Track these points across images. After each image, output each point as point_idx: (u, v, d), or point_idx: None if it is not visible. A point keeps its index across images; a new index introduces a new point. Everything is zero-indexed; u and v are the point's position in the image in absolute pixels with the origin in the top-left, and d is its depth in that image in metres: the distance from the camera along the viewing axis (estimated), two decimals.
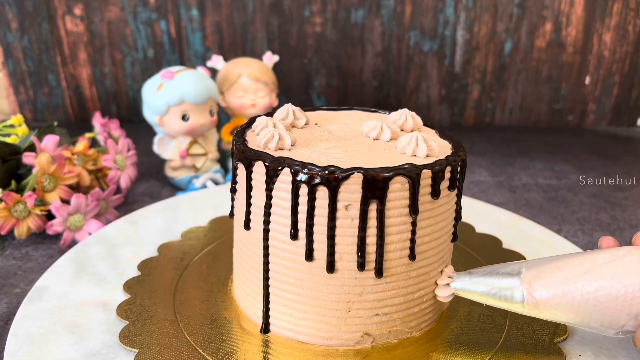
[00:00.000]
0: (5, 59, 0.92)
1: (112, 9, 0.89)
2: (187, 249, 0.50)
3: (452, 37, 0.92)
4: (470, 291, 0.36)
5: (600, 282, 0.31)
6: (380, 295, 0.36)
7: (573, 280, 0.32)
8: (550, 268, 0.33)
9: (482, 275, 0.35)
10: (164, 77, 0.63)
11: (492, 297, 0.35)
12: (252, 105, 0.70)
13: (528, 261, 0.35)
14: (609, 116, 0.98)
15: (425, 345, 0.38)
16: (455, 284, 0.37)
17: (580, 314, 0.32)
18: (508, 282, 0.34)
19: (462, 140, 0.89)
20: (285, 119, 0.41)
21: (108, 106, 0.96)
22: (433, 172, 0.34)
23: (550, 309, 0.33)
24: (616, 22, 0.91)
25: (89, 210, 0.54)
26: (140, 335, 0.38)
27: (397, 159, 0.36)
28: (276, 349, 0.37)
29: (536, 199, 0.68)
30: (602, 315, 0.31)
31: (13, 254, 0.53)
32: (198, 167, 0.68)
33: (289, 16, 0.90)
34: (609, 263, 0.32)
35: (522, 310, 0.34)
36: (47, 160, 0.54)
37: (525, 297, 0.33)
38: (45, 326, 0.39)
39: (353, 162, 0.34)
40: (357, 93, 0.96)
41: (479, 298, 0.35)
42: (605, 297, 0.31)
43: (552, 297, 0.32)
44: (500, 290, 0.34)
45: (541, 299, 0.33)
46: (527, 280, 0.33)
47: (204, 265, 0.47)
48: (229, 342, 0.38)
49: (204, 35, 0.91)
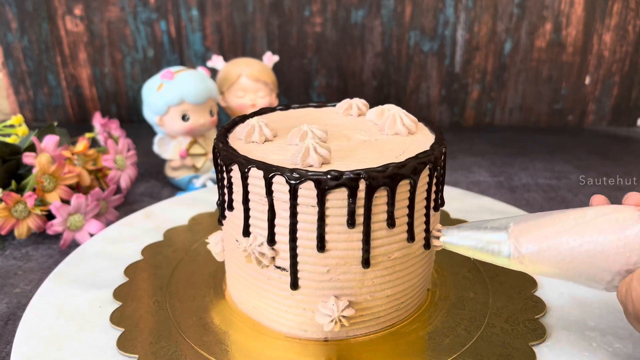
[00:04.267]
0: (5, 59, 0.92)
1: (112, 9, 0.89)
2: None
3: (452, 37, 0.92)
4: (458, 245, 0.36)
5: (585, 238, 0.32)
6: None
7: (559, 235, 0.32)
8: (538, 223, 0.33)
9: (470, 229, 0.36)
10: (164, 77, 0.63)
11: (479, 250, 0.35)
12: (252, 105, 0.70)
13: (516, 216, 0.35)
14: (609, 116, 0.98)
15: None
16: (444, 237, 0.37)
17: (564, 268, 0.32)
18: (495, 237, 0.35)
19: (462, 140, 0.90)
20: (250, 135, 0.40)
21: (108, 106, 0.96)
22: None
23: (535, 263, 0.33)
24: (616, 22, 0.91)
25: (89, 210, 0.54)
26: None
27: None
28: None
29: (536, 199, 0.68)
30: (587, 270, 0.32)
31: (13, 254, 0.53)
32: (198, 167, 0.68)
33: (289, 16, 0.90)
34: (594, 219, 0.32)
35: (509, 264, 0.34)
36: (47, 160, 0.54)
37: (512, 251, 0.34)
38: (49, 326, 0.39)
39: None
40: (357, 93, 0.96)
41: (466, 252, 0.36)
42: (589, 252, 0.31)
43: (537, 252, 0.33)
44: (488, 244, 0.35)
45: (527, 253, 0.33)
46: (514, 235, 0.34)
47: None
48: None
49: (204, 35, 0.91)
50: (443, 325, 0.39)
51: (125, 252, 0.49)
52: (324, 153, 0.35)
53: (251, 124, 0.39)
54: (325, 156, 0.35)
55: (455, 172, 0.76)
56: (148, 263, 0.47)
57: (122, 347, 0.37)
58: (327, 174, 0.33)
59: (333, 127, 0.42)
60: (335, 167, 0.34)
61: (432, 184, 0.37)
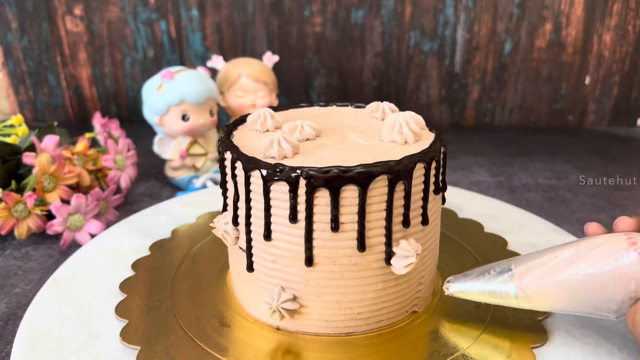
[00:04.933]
0: (5, 59, 0.92)
1: (112, 9, 0.89)
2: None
3: (452, 37, 0.92)
4: (467, 292, 0.38)
5: (582, 272, 0.33)
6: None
7: (558, 272, 0.34)
8: (538, 262, 0.35)
9: (476, 276, 0.38)
10: (164, 77, 0.63)
11: (488, 295, 0.37)
12: (252, 105, 0.70)
13: (516, 258, 0.37)
14: (609, 116, 0.98)
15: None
16: (452, 287, 0.38)
17: (570, 302, 0.34)
18: (500, 280, 0.36)
19: (462, 140, 0.90)
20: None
21: (108, 106, 0.96)
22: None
23: (542, 301, 0.35)
24: (616, 22, 0.91)
25: (89, 210, 0.54)
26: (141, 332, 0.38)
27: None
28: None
29: (536, 199, 0.68)
30: (592, 302, 0.33)
31: (13, 254, 0.53)
32: (198, 167, 0.68)
33: (289, 16, 0.90)
34: (588, 252, 0.33)
35: (517, 304, 0.36)
36: (47, 160, 0.54)
37: (518, 292, 0.35)
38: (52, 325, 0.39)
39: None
40: (357, 93, 0.96)
41: (475, 297, 0.37)
42: (588, 285, 0.33)
43: (541, 290, 0.34)
44: (494, 288, 0.36)
45: (532, 293, 0.35)
46: (517, 277, 0.35)
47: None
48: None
49: (204, 35, 0.91)
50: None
51: (127, 253, 0.49)
52: (286, 147, 0.36)
53: (262, 113, 0.41)
54: (287, 150, 0.36)
55: (455, 172, 0.76)
56: (152, 261, 0.47)
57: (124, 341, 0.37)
58: (274, 166, 0.34)
59: (340, 127, 0.42)
60: (294, 162, 0.35)
61: (393, 197, 0.35)
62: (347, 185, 0.34)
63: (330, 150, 0.37)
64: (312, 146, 0.38)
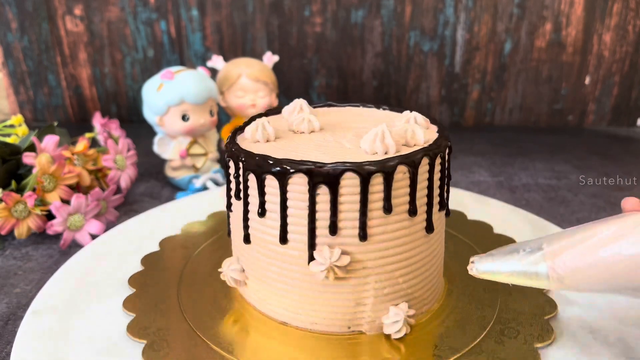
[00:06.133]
0: (5, 59, 0.92)
1: (112, 9, 0.89)
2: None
3: (452, 37, 0.92)
4: (495, 272, 0.35)
5: (622, 252, 0.31)
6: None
7: (595, 251, 0.32)
8: (572, 241, 0.33)
9: (504, 255, 0.35)
10: (164, 77, 0.63)
11: (516, 276, 0.35)
12: (252, 105, 0.70)
13: (549, 236, 0.35)
14: (608, 116, 0.98)
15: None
16: (478, 266, 0.36)
17: (607, 284, 0.32)
18: (531, 260, 0.34)
19: (462, 140, 0.90)
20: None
21: (108, 106, 0.96)
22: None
23: (576, 282, 0.33)
24: (616, 22, 0.91)
25: (89, 210, 0.54)
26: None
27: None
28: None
29: (536, 199, 0.68)
30: (632, 283, 0.31)
31: (13, 254, 0.53)
32: (198, 167, 0.68)
33: (289, 16, 0.90)
34: (630, 232, 0.31)
35: (549, 285, 0.34)
36: (47, 160, 0.54)
37: (550, 273, 0.33)
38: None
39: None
40: (357, 93, 0.96)
41: (504, 278, 0.35)
42: (629, 266, 0.31)
43: (575, 271, 0.32)
44: (524, 269, 0.34)
45: (565, 274, 0.33)
46: (549, 257, 0.33)
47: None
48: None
49: (204, 36, 0.91)
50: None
51: (130, 253, 0.49)
52: (270, 129, 0.39)
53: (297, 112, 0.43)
54: (269, 135, 0.39)
55: (455, 172, 0.76)
56: (156, 259, 0.48)
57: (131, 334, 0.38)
58: (237, 150, 0.37)
59: (349, 128, 0.42)
60: (267, 146, 0.38)
61: (328, 207, 0.35)
62: (269, 175, 0.36)
63: (313, 144, 0.38)
64: (300, 140, 0.39)
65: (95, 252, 0.49)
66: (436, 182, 0.38)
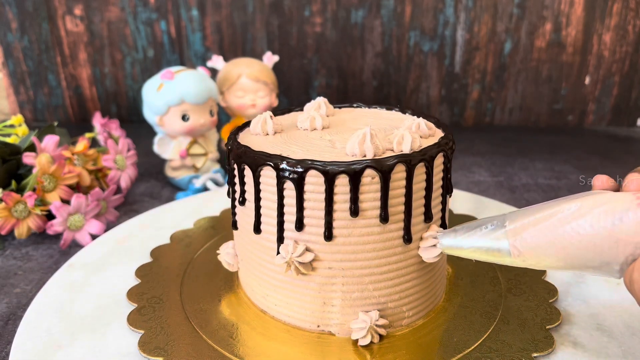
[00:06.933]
0: (6, 59, 0.92)
1: (112, 9, 0.89)
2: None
3: (452, 37, 0.92)
4: (458, 248, 0.35)
5: (581, 231, 0.31)
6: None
7: (555, 230, 0.32)
8: (534, 220, 0.33)
9: (468, 231, 0.35)
10: (164, 77, 0.63)
11: (479, 252, 0.35)
12: (252, 105, 0.70)
13: (511, 213, 0.35)
14: (608, 116, 0.98)
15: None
16: (443, 241, 0.36)
17: (567, 262, 0.32)
18: (493, 237, 0.34)
19: (462, 140, 0.90)
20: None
21: (108, 106, 0.96)
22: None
23: (536, 259, 0.33)
24: (616, 22, 0.91)
25: (89, 210, 0.54)
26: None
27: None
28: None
29: (536, 199, 0.68)
30: (590, 262, 0.31)
31: (13, 254, 0.53)
32: (198, 167, 0.68)
33: (289, 16, 0.90)
34: (590, 211, 0.31)
35: (511, 262, 0.34)
36: (47, 160, 0.54)
37: (512, 250, 0.33)
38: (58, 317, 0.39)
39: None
40: (357, 93, 0.96)
41: (466, 254, 0.35)
42: (587, 246, 0.30)
43: (536, 248, 0.32)
44: (487, 245, 0.34)
45: (526, 251, 0.33)
46: (511, 234, 0.33)
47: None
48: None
49: (204, 36, 0.91)
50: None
51: (130, 254, 0.49)
52: (270, 124, 0.40)
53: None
54: (269, 129, 0.40)
55: (455, 172, 0.76)
56: (155, 263, 0.48)
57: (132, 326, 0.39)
58: (231, 140, 0.39)
59: (355, 129, 0.41)
60: (260, 139, 0.39)
61: (294, 204, 0.35)
62: (246, 166, 0.37)
63: (299, 142, 0.39)
64: (295, 136, 0.40)
65: (95, 252, 0.49)
66: (419, 191, 0.36)
